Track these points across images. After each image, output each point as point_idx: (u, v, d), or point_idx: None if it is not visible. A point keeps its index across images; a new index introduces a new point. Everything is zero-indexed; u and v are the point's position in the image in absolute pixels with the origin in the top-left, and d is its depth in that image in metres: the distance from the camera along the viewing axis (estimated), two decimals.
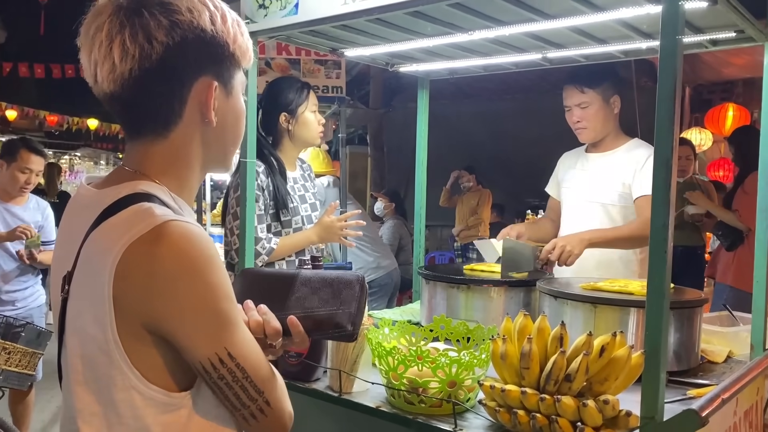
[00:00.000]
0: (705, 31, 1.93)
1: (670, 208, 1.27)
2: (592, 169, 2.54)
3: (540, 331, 1.37)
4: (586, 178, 2.54)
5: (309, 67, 4.88)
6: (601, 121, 2.47)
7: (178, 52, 0.92)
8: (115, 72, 0.91)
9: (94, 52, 0.92)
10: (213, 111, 0.97)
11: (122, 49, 0.90)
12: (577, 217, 2.51)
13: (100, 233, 0.90)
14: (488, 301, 2.02)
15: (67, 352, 0.95)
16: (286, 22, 1.87)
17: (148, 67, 0.91)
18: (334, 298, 1.06)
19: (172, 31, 0.91)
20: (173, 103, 0.95)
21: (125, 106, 0.96)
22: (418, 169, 2.83)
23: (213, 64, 0.97)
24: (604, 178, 2.47)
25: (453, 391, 1.42)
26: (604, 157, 2.52)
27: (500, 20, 1.88)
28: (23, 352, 2.98)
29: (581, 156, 2.62)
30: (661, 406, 1.24)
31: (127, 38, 0.90)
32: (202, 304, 0.88)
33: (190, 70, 0.95)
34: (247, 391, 0.93)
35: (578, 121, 2.48)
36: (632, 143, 2.51)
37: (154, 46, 0.90)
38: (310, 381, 1.68)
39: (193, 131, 0.98)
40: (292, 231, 2.48)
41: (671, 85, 1.26)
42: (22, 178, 3.31)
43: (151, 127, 0.97)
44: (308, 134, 2.53)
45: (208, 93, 0.96)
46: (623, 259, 2.44)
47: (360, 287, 1.07)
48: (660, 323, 1.24)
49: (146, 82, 0.92)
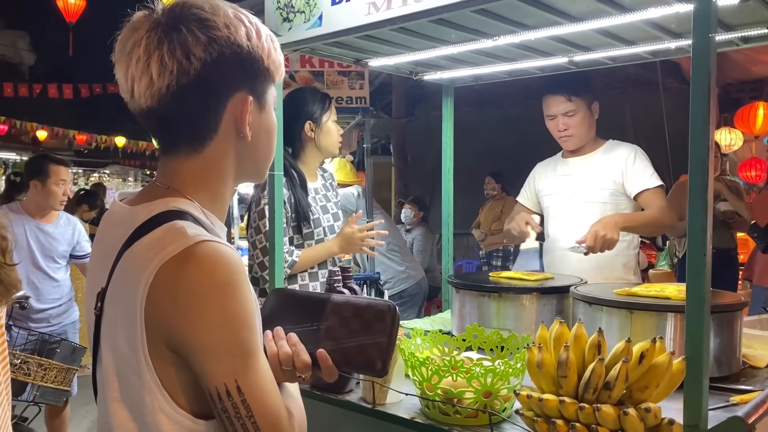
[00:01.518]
0: (736, 29, 1.89)
1: (707, 211, 1.23)
2: (575, 173, 2.59)
3: (577, 338, 1.35)
4: (571, 182, 2.58)
5: (332, 79, 4.91)
6: (585, 128, 2.54)
7: (216, 67, 0.92)
8: (152, 87, 0.91)
9: (131, 67, 0.92)
10: (248, 126, 0.98)
11: (160, 65, 0.90)
12: (571, 219, 2.54)
13: (133, 252, 0.90)
14: (520, 309, 1.99)
15: (102, 368, 0.96)
16: (310, 34, 1.88)
17: (186, 83, 0.91)
18: (364, 330, 1.02)
19: (209, 46, 0.91)
20: (209, 118, 0.96)
21: (162, 122, 0.96)
22: (445, 177, 2.81)
23: (248, 79, 0.97)
24: (592, 179, 2.53)
25: (489, 401, 1.40)
26: (586, 160, 2.58)
27: (525, 24, 1.86)
28: (59, 368, 3.02)
29: (559, 162, 2.68)
30: (704, 413, 1.21)
31: (165, 54, 0.90)
32: (220, 329, 0.86)
33: (227, 86, 0.95)
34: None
35: (565, 129, 2.53)
36: (609, 144, 2.59)
37: (192, 61, 0.90)
38: (342, 393, 1.67)
39: (228, 146, 0.98)
40: (315, 243, 2.48)
41: (705, 84, 1.23)
42: (60, 191, 3.40)
43: (186, 142, 0.97)
44: (331, 143, 2.56)
45: (244, 108, 0.97)
46: (622, 260, 2.51)
47: (391, 319, 1.02)
48: (701, 328, 1.21)
49: (183, 98, 0.92)
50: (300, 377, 1.01)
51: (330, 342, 1.03)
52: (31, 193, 3.44)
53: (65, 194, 3.43)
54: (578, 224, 2.42)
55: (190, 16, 0.92)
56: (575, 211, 2.54)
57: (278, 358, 1.00)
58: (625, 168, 2.47)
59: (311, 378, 1.03)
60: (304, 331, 1.05)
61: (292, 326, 1.06)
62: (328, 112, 2.53)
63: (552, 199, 2.66)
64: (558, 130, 2.55)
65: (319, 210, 2.53)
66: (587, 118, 2.53)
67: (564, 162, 2.66)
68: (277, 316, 1.09)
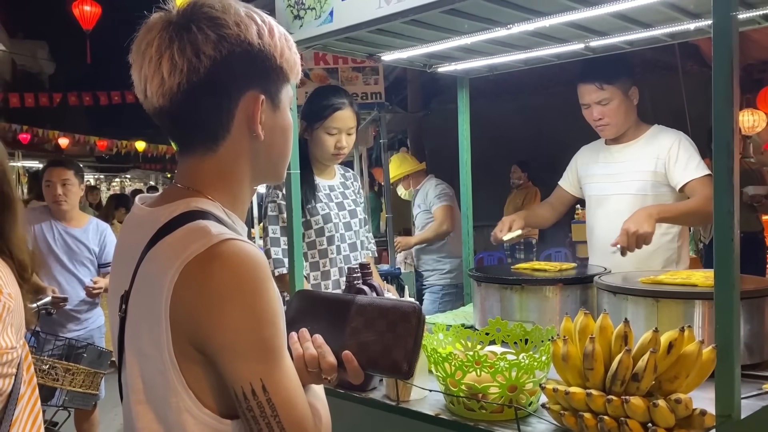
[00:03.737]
0: (757, 6, 1.84)
1: (734, 194, 1.20)
2: (617, 161, 2.50)
3: (602, 329, 1.32)
4: (612, 171, 2.49)
5: (347, 75, 4.89)
6: (623, 115, 2.44)
7: (225, 66, 0.92)
8: (164, 86, 0.92)
9: (144, 67, 0.93)
10: (260, 125, 0.97)
11: (171, 64, 0.90)
12: (611, 209, 2.46)
13: (156, 253, 0.90)
14: (544, 301, 1.96)
15: (126, 371, 0.96)
16: (322, 30, 1.87)
17: (196, 81, 0.91)
18: (389, 331, 1.01)
19: (219, 44, 0.91)
20: (221, 117, 0.95)
21: (174, 121, 0.96)
22: (462, 170, 2.79)
23: (260, 78, 0.96)
24: (633, 168, 2.44)
25: (514, 395, 1.38)
26: (628, 148, 2.48)
27: (539, 11, 1.83)
28: (86, 372, 3.05)
29: (602, 149, 2.58)
30: (737, 402, 1.18)
31: (175, 53, 0.90)
32: (245, 328, 0.86)
33: (237, 84, 0.95)
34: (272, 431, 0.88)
35: (600, 119, 2.44)
36: (654, 130, 2.48)
37: (201, 59, 0.90)
38: (366, 390, 1.66)
39: (242, 145, 0.98)
40: (324, 238, 2.46)
41: (728, 65, 1.20)
42: (49, 192, 3.45)
43: (200, 142, 0.97)
44: (318, 152, 2.50)
45: (255, 107, 0.96)
46: (663, 254, 2.42)
47: (417, 320, 1.01)
48: (731, 315, 1.18)
49: (194, 96, 0.92)
50: (326, 379, 1.01)
51: (355, 343, 1.02)
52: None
53: (56, 194, 3.43)
54: (618, 216, 2.32)
55: (201, 15, 0.92)
56: (615, 201, 2.47)
57: (303, 360, 1.00)
58: (668, 159, 2.37)
59: (336, 379, 1.02)
60: (329, 332, 1.04)
61: (317, 328, 1.05)
62: (322, 122, 2.43)
63: (593, 188, 2.58)
64: (593, 119, 2.46)
65: (335, 206, 2.51)
66: (624, 105, 2.41)
67: (607, 149, 2.56)
68: (301, 318, 1.09)
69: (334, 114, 2.43)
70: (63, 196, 3.43)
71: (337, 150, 2.47)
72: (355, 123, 2.50)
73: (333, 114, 2.43)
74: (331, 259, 2.49)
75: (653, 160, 2.40)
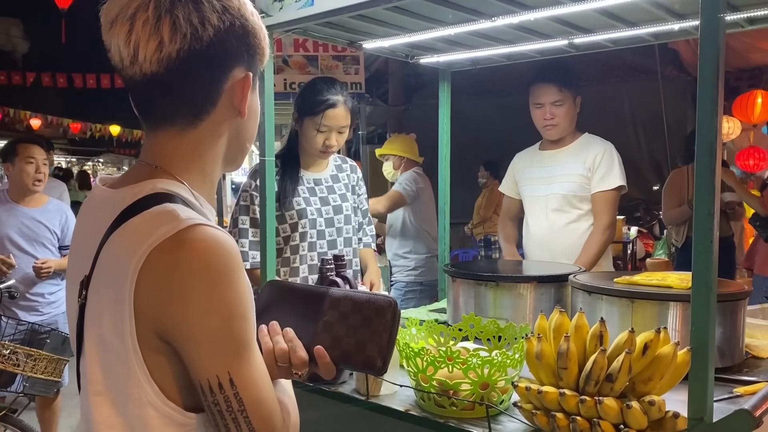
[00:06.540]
0: (741, 9, 1.84)
1: (715, 196, 1.18)
2: (549, 164, 2.67)
3: (578, 328, 1.30)
4: (545, 174, 2.67)
5: (327, 63, 4.84)
6: (569, 120, 2.62)
7: (225, 38, 0.90)
8: (161, 51, 0.87)
9: (135, 30, 0.87)
10: (246, 103, 0.95)
11: (173, 28, 0.86)
12: (542, 208, 2.67)
13: (120, 236, 0.86)
14: (518, 299, 1.94)
15: (85, 360, 0.90)
16: (302, 14, 1.82)
17: (198, 50, 0.88)
18: (363, 326, 0.98)
19: (224, 15, 0.89)
20: (210, 91, 0.92)
21: (163, 90, 0.90)
22: (441, 165, 2.76)
23: (249, 55, 0.95)
24: (564, 172, 2.62)
25: (486, 393, 1.35)
26: (560, 153, 2.67)
27: (525, 5, 1.81)
28: (48, 358, 2.96)
29: (536, 154, 2.76)
30: (710, 406, 1.17)
31: (180, 17, 0.86)
32: (213, 318, 0.82)
33: (231, 58, 0.92)
34: (239, 427, 0.85)
35: (552, 119, 2.60)
36: (585, 138, 2.67)
37: (207, 28, 0.88)
38: (335, 384, 1.63)
39: (222, 122, 0.95)
40: (298, 234, 2.40)
41: (714, 66, 1.18)
42: (31, 169, 3.32)
43: (183, 115, 0.93)
44: (308, 147, 2.44)
45: (246, 83, 0.94)
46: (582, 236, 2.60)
47: (392, 315, 0.97)
48: (707, 318, 1.17)
49: (191, 65, 0.88)
50: (296, 374, 0.97)
51: (328, 338, 0.98)
52: (8, 177, 3.38)
53: (39, 172, 3.33)
54: (551, 215, 2.62)
55: None
56: (547, 201, 2.65)
57: (273, 355, 0.96)
58: (593, 165, 2.57)
59: (307, 375, 0.98)
60: (300, 325, 1.00)
61: (288, 320, 1.01)
62: (313, 117, 2.35)
63: (528, 190, 2.75)
64: (544, 118, 2.60)
65: (317, 201, 2.43)
66: (571, 110, 2.60)
67: (539, 154, 2.73)
68: (272, 309, 1.05)
69: (326, 112, 2.35)
70: (42, 177, 3.34)
71: (326, 148, 2.40)
72: (348, 121, 2.41)
73: (325, 111, 2.35)
74: (302, 255, 2.41)
75: (581, 164, 2.59)
